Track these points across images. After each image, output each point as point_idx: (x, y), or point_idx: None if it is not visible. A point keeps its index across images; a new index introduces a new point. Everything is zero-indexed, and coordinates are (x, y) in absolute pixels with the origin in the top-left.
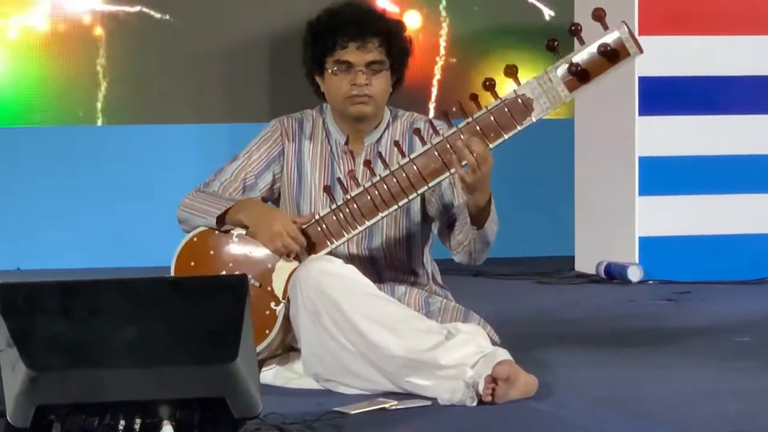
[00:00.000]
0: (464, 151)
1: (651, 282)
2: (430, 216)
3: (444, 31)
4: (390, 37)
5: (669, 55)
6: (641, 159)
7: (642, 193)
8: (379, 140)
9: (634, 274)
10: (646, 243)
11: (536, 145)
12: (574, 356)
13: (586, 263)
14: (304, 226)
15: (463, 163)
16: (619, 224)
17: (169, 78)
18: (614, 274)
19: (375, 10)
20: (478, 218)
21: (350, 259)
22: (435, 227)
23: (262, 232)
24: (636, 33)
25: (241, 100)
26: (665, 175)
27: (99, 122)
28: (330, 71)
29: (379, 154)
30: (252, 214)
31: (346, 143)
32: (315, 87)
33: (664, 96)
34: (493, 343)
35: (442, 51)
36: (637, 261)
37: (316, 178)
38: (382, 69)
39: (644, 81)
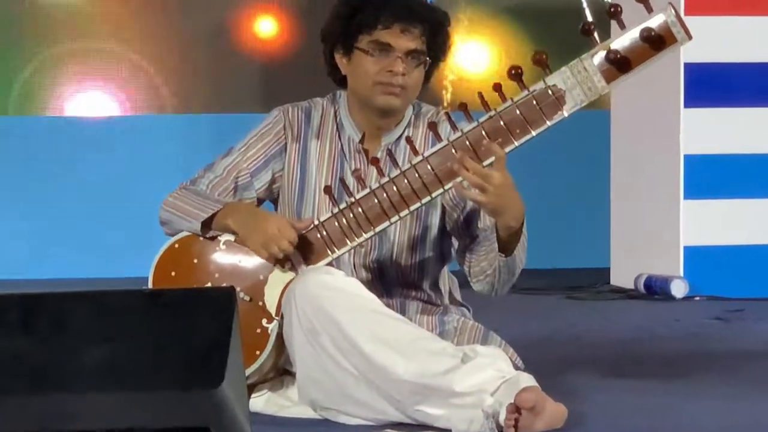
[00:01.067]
0: (462, 171)
1: (697, 298)
2: (449, 232)
3: (462, 10)
4: (435, 27)
5: (719, 39)
6: (687, 157)
7: (688, 196)
8: (398, 140)
9: (679, 289)
10: (692, 253)
11: (566, 141)
12: (608, 382)
13: (623, 276)
14: (303, 233)
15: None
16: (661, 232)
17: (147, 63)
18: (655, 289)
19: None
20: (508, 243)
21: (354, 271)
22: (453, 247)
23: (253, 237)
24: (682, 13)
25: (230, 88)
26: (714, 176)
27: (62, 113)
28: (365, 50)
29: (389, 152)
30: (242, 218)
31: (361, 141)
32: (332, 68)
33: (713, 85)
34: (516, 367)
35: (460, 33)
36: (681, 274)
37: (322, 180)
38: (421, 61)
39: (690, 68)
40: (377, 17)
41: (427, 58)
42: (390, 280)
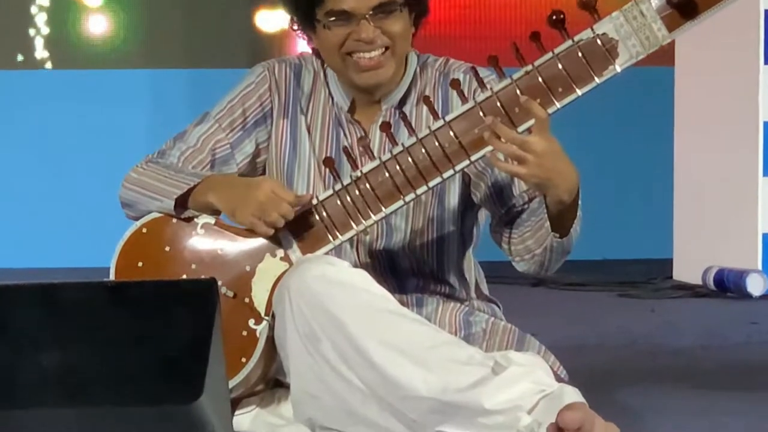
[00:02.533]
0: (493, 140)
1: None
2: (476, 206)
3: None
4: None
5: None
6: (767, 125)
7: None
8: (403, 100)
9: (756, 285)
10: None
11: (621, 105)
12: (670, 399)
13: (688, 270)
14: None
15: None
16: (734, 217)
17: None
18: (728, 285)
19: None
20: (561, 220)
21: (360, 261)
22: (487, 221)
23: (243, 208)
24: None
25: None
26: None
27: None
28: (322, 24)
29: (403, 116)
30: (226, 190)
31: (350, 110)
32: (308, 40)
33: None
34: (558, 378)
35: None
36: (759, 267)
37: (316, 150)
38: (394, 9)
39: None
40: None
41: (399, 4)
42: (403, 272)
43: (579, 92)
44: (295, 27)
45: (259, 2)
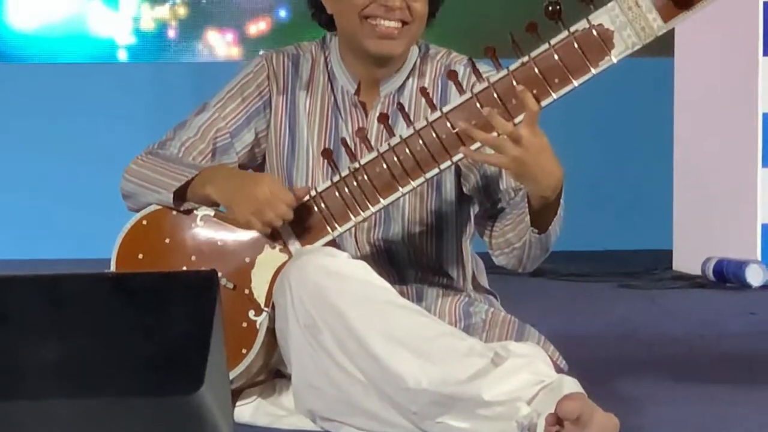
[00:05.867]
0: (472, 131)
1: None
2: (467, 195)
3: None
4: None
5: None
6: (766, 116)
7: (767, 163)
8: (401, 89)
9: (755, 275)
10: None
11: (622, 96)
12: (669, 389)
13: (688, 261)
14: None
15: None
16: (734, 208)
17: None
18: (727, 276)
19: None
20: (542, 216)
21: (359, 252)
22: (473, 211)
23: (241, 204)
24: None
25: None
26: None
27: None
28: None
29: (400, 107)
30: (224, 184)
31: (357, 92)
32: (316, 8)
33: None
34: (558, 369)
35: None
36: (759, 258)
37: (315, 140)
38: None
39: None
40: None
41: None
42: (402, 262)
43: (575, 83)
44: None
45: None
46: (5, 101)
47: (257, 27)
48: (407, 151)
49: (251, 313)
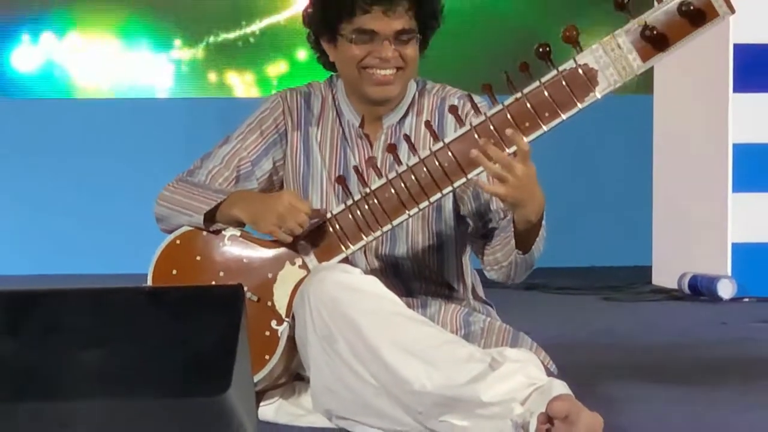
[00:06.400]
0: (482, 159)
1: (746, 300)
2: (464, 216)
3: None
4: None
5: None
6: (736, 147)
7: (737, 189)
8: (401, 121)
9: (726, 289)
10: (741, 251)
11: (605, 129)
12: (649, 392)
13: (665, 276)
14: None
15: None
16: (707, 228)
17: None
18: (701, 290)
19: None
20: (526, 237)
21: (370, 267)
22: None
23: (265, 218)
24: None
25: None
26: (766, 167)
27: (50, 95)
28: (347, 39)
29: (406, 138)
30: (249, 204)
31: (361, 125)
32: (321, 55)
33: (765, 68)
34: (549, 373)
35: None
36: (729, 273)
37: (327, 168)
38: (412, 38)
39: (740, 49)
40: (354, 2)
41: (417, 34)
42: (408, 276)
43: (564, 116)
44: (317, 40)
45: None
46: (58, 133)
47: (277, 68)
48: (413, 177)
49: (273, 323)
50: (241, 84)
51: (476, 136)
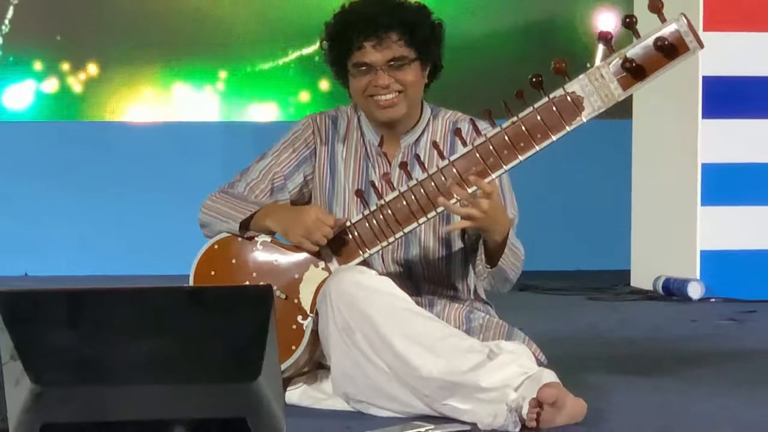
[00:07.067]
0: (446, 204)
1: (713, 300)
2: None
3: (488, 24)
4: (410, 27)
5: (735, 54)
6: (704, 166)
7: (705, 203)
8: (417, 141)
9: (695, 290)
10: (708, 257)
11: (590, 149)
12: (628, 380)
13: (642, 278)
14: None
15: (453, 201)
16: (679, 237)
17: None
18: (673, 291)
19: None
20: (495, 255)
21: (384, 270)
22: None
23: (294, 229)
24: (701, 29)
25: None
26: (730, 184)
27: (108, 118)
28: (351, 73)
29: (417, 156)
30: (280, 215)
31: (380, 144)
32: (346, 88)
33: (730, 98)
34: (539, 363)
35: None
36: (698, 277)
37: (350, 182)
38: (405, 63)
39: (708, 81)
40: (349, 41)
41: (415, 56)
42: (418, 278)
43: (554, 138)
44: (338, 77)
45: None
46: (116, 152)
47: (304, 95)
48: (422, 191)
49: (299, 318)
50: (272, 110)
51: (477, 155)
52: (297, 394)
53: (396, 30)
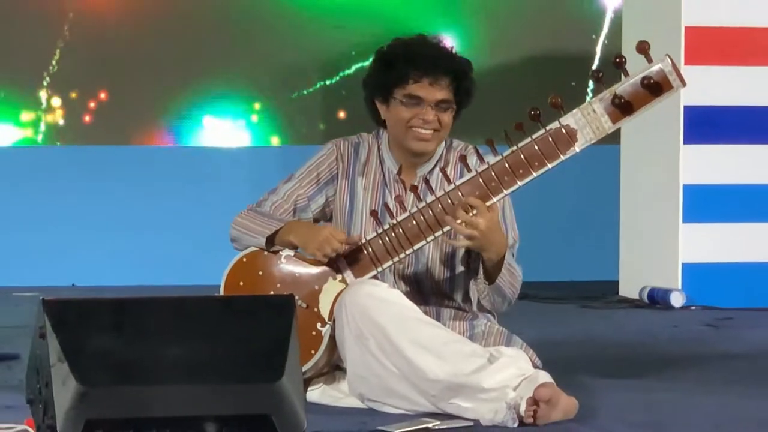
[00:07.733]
0: (452, 223)
1: (693, 308)
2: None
3: (491, 60)
4: (460, 76)
5: (714, 85)
6: (685, 187)
7: (686, 220)
8: (431, 171)
9: (677, 299)
10: (689, 269)
11: (583, 171)
12: (616, 380)
13: (629, 288)
14: (353, 248)
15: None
16: (662, 250)
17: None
18: (657, 299)
19: (446, 47)
20: (492, 272)
21: (396, 283)
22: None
23: (310, 243)
24: (682, 62)
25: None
26: (708, 203)
27: (150, 143)
28: (399, 101)
29: (426, 181)
30: (300, 231)
31: (399, 173)
32: (373, 112)
33: (709, 125)
34: (535, 366)
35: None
36: (680, 287)
37: (368, 204)
38: (450, 107)
39: (689, 110)
40: (408, 73)
41: (456, 103)
42: (426, 291)
43: (550, 165)
44: (371, 100)
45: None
46: (156, 179)
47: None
48: (430, 212)
49: (318, 325)
50: (297, 135)
51: (481, 180)
52: (317, 394)
53: (449, 76)
